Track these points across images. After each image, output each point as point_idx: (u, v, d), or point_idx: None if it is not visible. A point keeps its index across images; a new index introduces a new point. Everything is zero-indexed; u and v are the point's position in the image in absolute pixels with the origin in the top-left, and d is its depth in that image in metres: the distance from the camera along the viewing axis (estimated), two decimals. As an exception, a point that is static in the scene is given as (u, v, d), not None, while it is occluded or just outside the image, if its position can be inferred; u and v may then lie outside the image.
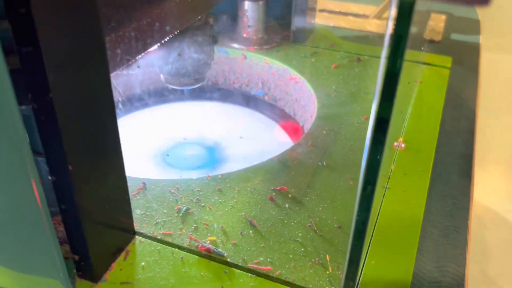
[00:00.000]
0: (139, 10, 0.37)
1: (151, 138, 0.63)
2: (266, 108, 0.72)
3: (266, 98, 0.72)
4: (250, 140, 0.63)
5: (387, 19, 0.59)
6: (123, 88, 0.66)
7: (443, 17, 0.93)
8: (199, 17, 0.50)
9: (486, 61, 0.92)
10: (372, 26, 0.87)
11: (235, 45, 0.73)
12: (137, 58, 0.35)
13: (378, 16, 0.87)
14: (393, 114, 0.53)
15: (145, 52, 0.37)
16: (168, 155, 0.57)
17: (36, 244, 0.32)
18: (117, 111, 0.58)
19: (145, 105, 0.68)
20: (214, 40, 0.56)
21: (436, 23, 0.90)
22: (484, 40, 0.89)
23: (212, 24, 0.54)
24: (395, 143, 0.51)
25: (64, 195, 0.31)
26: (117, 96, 0.63)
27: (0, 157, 0.27)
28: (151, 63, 0.56)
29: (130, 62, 0.34)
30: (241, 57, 0.72)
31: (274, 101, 0.71)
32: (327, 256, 0.37)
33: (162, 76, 0.56)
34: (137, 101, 0.67)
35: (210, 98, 0.74)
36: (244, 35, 0.73)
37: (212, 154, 0.59)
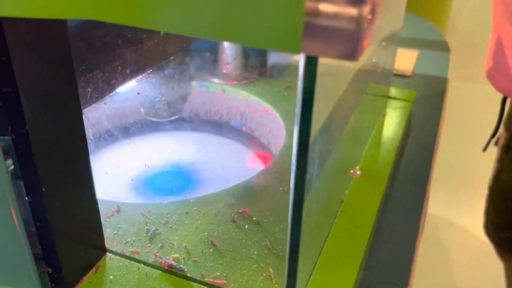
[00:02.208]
0: (110, 54, 0.42)
1: (133, 167, 0.67)
2: (243, 138, 0.76)
3: (244, 128, 0.77)
4: (225, 167, 0.68)
5: (366, 56, 0.65)
6: (109, 120, 0.71)
7: (416, 53, 0.99)
8: (172, 57, 0.56)
9: (453, 93, 0.97)
10: (349, 63, 0.93)
11: (215, 80, 0.78)
12: (107, 96, 0.41)
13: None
14: (349, 144, 0.58)
15: (113, 91, 0.42)
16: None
17: (13, 259, 0.36)
18: (102, 140, 0.63)
19: (130, 135, 0.73)
20: (190, 77, 0.61)
21: (409, 59, 0.96)
22: (452, 73, 0.94)
23: (188, 63, 0.60)
24: (352, 171, 0.55)
25: (39, 213, 0.36)
26: (101, 128, 0.68)
27: (-18, 180, 0.32)
28: (132, 98, 0.62)
29: (100, 100, 0.39)
30: (220, 91, 0.77)
31: (251, 132, 0.76)
32: (271, 269, 0.41)
33: (142, 110, 0.61)
34: (122, 133, 0.72)
35: (193, 129, 0.79)
36: (224, 71, 0.79)
37: (188, 181, 0.64)
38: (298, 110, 0.30)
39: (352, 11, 0.22)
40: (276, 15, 0.23)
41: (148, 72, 0.56)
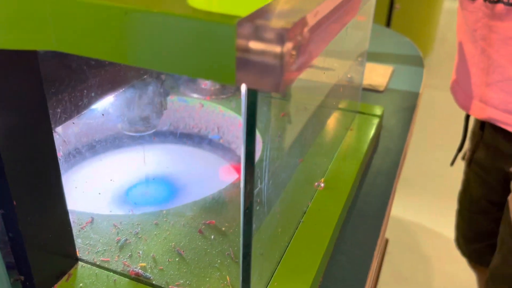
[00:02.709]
0: (86, 70, 0.45)
1: (112, 179, 0.70)
2: (220, 150, 0.80)
3: (221, 141, 0.80)
4: (201, 178, 0.71)
5: (334, 73, 0.68)
6: (86, 135, 0.74)
7: (391, 68, 1.03)
8: (149, 74, 0.59)
9: (434, 103, 1.01)
10: (328, 78, 0.96)
11: (194, 95, 0.82)
12: (76, 116, 0.44)
13: (328, 69, 0.96)
14: (315, 158, 0.61)
15: (89, 107, 0.45)
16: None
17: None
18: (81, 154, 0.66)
19: (108, 149, 0.76)
20: (166, 93, 0.64)
21: (383, 74, 1.00)
22: (438, 83, 0.98)
23: (163, 79, 0.63)
24: (316, 183, 0.58)
25: (10, 225, 0.38)
26: (76, 144, 0.71)
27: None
28: (108, 114, 0.65)
29: (69, 120, 0.42)
30: (199, 106, 0.80)
31: (228, 144, 0.79)
32: (228, 278, 0.44)
33: (119, 125, 0.64)
34: (100, 147, 0.75)
35: (171, 141, 0.82)
36: (202, 86, 0.82)
37: (163, 192, 0.67)
38: (242, 133, 0.33)
39: (276, 48, 0.25)
40: (212, 51, 0.26)
41: (125, 88, 0.59)
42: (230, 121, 0.78)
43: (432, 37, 3.04)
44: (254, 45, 0.26)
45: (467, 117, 0.87)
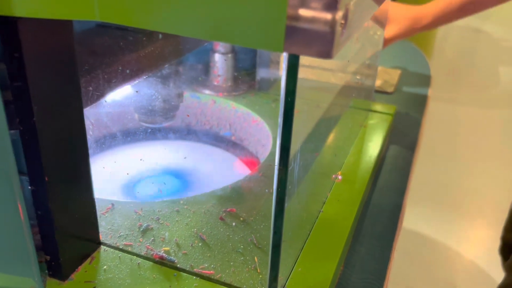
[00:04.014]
0: (113, 57, 0.45)
1: (124, 171, 0.70)
2: (232, 147, 0.80)
3: (232, 138, 0.81)
4: (215, 172, 0.71)
5: (348, 72, 0.69)
6: (104, 126, 0.74)
7: (399, 71, 1.04)
8: (168, 65, 0.59)
9: (432, 110, 1.02)
10: (336, 78, 0.97)
11: (206, 91, 0.82)
12: (107, 95, 0.44)
13: (343, 70, 0.97)
14: (332, 152, 0.62)
15: (116, 90, 0.46)
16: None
17: (16, 249, 0.39)
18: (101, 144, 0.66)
19: (120, 143, 0.76)
20: (183, 86, 0.65)
21: (391, 77, 1.01)
22: (432, 92, 0.99)
23: (181, 72, 0.63)
24: (333, 175, 0.59)
25: (41, 203, 0.38)
26: (101, 131, 0.71)
27: (-9, 167, 0.35)
28: (127, 104, 0.65)
29: (100, 99, 0.42)
30: (211, 102, 0.81)
31: (240, 141, 0.80)
32: (256, 258, 0.44)
33: (136, 115, 0.64)
34: (115, 138, 0.75)
35: (184, 138, 0.82)
36: (215, 83, 0.83)
37: (180, 183, 0.67)
38: (281, 111, 0.33)
39: (327, 15, 0.26)
40: (262, 19, 0.27)
41: (142, 79, 0.60)
42: (243, 117, 0.78)
43: (429, 50, 3.07)
44: (304, 12, 0.26)
45: None
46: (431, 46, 3.03)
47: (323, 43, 0.26)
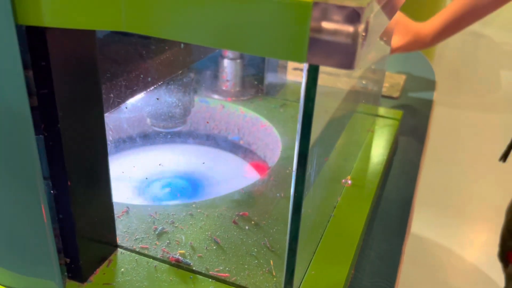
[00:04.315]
0: (129, 64, 0.47)
1: (140, 173, 0.71)
2: (241, 151, 0.81)
3: (241, 142, 0.82)
4: (225, 176, 0.72)
5: (356, 77, 0.70)
6: (120, 129, 0.75)
7: (404, 76, 1.05)
8: (181, 71, 0.60)
9: (438, 115, 1.03)
10: (342, 83, 0.98)
11: (215, 96, 0.83)
12: (126, 102, 0.45)
13: (350, 75, 0.99)
14: (341, 156, 0.63)
15: (133, 97, 0.47)
16: (146, 178, 0.66)
17: (38, 251, 0.40)
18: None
19: (134, 146, 0.77)
20: (194, 91, 0.66)
21: (397, 82, 1.02)
22: (438, 97, 1.00)
23: (193, 78, 0.64)
24: (343, 180, 0.60)
25: (62, 206, 0.39)
26: (119, 134, 0.72)
27: (17, 178, 0.36)
28: (140, 109, 0.66)
29: (120, 105, 0.43)
30: (220, 107, 0.82)
31: (248, 145, 0.81)
32: (271, 262, 0.45)
33: (148, 120, 0.65)
34: (128, 142, 0.76)
35: (193, 142, 0.83)
36: (223, 88, 0.84)
37: (192, 186, 0.68)
38: (300, 118, 0.34)
39: (349, 28, 0.27)
40: (286, 31, 0.28)
41: (156, 85, 0.61)
42: (251, 122, 0.79)
43: (431, 55, 3.09)
44: (327, 25, 0.27)
45: None
46: (433, 50, 3.04)
47: (346, 55, 0.27)
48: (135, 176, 0.68)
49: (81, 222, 0.41)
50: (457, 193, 1.93)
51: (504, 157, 0.85)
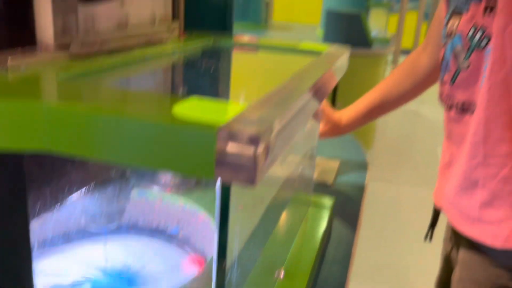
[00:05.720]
0: (58, 172, 0.48)
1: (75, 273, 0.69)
2: (179, 243, 0.81)
3: (180, 235, 0.82)
4: (161, 271, 0.72)
5: (291, 168, 0.74)
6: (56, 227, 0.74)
7: (337, 162, 1.11)
8: (114, 172, 0.62)
9: (370, 195, 1.09)
10: (284, 172, 1.02)
11: (155, 187, 0.85)
12: (54, 208, 0.46)
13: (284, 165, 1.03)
14: (270, 251, 0.65)
15: (61, 203, 0.48)
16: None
17: None
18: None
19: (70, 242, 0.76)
20: (129, 190, 0.67)
21: (330, 167, 1.08)
22: (373, 174, 1.06)
23: (128, 178, 0.66)
24: (276, 272, 0.61)
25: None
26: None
27: None
28: (74, 209, 0.66)
29: (47, 212, 0.44)
30: (159, 199, 0.83)
31: (187, 238, 0.81)
32: None
33: (82, 220, 0.65)
34: (62, 240, 0.75)
35: (132, 234, 0.83)
36: (163, 180, 0.86)
37: (127, 284, 0.67)
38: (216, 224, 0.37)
39: (249, 151, 0.30)
40: (196, 152, 0.31)
41: (89, 186, 0.62)
42: (190, 213, 0.81)
43: (372, 133, 3.27)
44: (231, 148, 0.30)
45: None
46: (372, 130, 3.23)
47: (248, 173, 0.30)
48: (66, 278, 0.67)
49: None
50: (392, 269, 1.97)
51: (429, 237, 0.88)
